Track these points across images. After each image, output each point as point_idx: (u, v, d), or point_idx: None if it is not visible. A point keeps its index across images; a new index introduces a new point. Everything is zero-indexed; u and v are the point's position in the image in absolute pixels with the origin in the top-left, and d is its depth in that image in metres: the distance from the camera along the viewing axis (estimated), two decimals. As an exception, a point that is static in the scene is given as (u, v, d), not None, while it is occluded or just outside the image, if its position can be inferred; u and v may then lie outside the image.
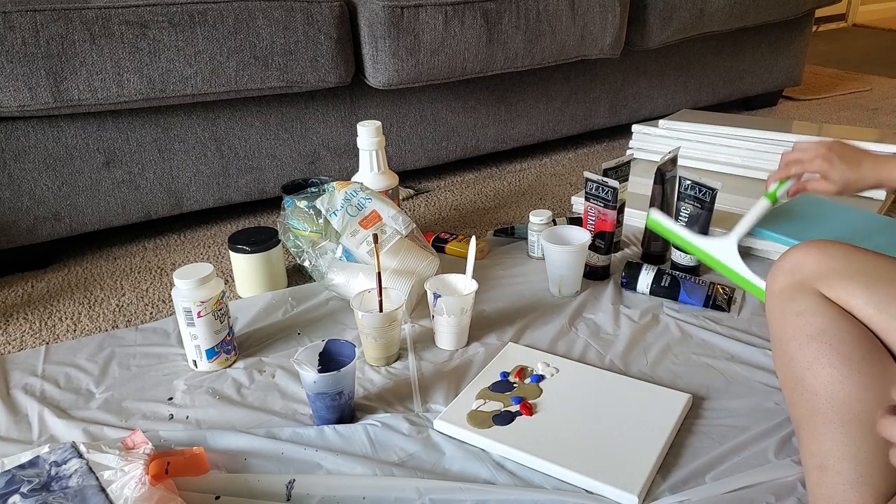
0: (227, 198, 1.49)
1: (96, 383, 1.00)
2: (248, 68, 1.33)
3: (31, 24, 1.15)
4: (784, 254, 0.81)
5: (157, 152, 1.38)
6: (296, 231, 1.18)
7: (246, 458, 0.84)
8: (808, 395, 0.72)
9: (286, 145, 1.51)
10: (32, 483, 0.77)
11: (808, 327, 0.73)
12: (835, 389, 0.70)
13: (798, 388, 0.73)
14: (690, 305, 1.15)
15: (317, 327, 1.13)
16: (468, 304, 1.03)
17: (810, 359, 0.72)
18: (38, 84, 1.18)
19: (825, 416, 0.70)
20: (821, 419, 0.70)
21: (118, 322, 1.17)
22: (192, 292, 0.96)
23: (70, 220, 1.35)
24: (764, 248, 1.29)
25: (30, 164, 1.28)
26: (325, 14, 1.36)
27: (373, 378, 0.99)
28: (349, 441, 0.86)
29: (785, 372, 0.76)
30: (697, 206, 1.20)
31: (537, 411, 0.89)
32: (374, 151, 1.30)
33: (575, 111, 1.89)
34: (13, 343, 1.11)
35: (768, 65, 2.22)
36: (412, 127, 1.65)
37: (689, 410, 0.91)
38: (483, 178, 1.78)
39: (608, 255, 1.23)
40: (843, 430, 0.68)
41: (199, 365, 1.01)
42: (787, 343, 0.75)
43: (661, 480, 0.80)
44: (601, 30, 1.67)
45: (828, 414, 0.70)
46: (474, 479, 0.81)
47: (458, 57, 1.50)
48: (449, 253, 1.36)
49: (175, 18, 1.24)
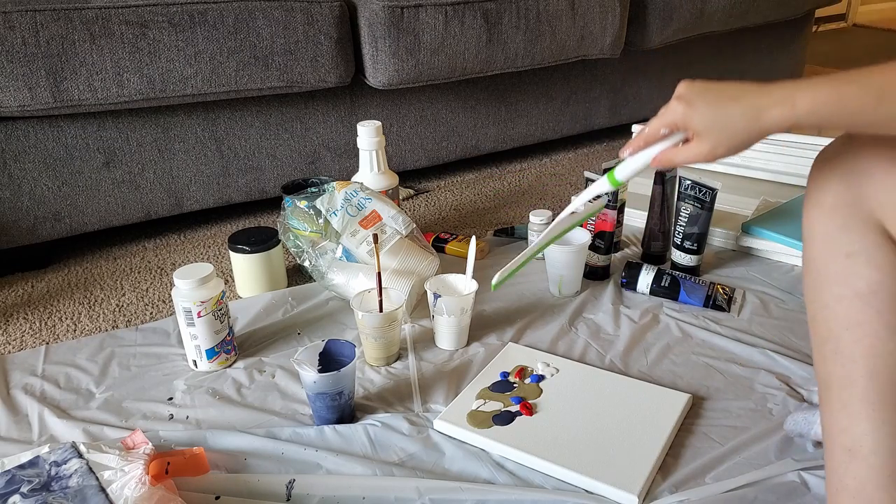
0: (227, 198, 1.49)
1: (96, 383, 1.00)
2: (248, 68, 1.33)
3: (31, 24, 1.15)
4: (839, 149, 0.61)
5: (157, 152, 1.38)
6: (296, 231, 1.18)
7: (246, 458, 0.84)
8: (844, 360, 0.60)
9: (286, 145, 1.51)
10: (32, 483, 0.77)
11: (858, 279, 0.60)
12: (877, 364, 0.59)
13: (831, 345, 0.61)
14: (690, 305, 1.15)
15: (317, 327, 1.13)
16: (468, 304, 1.03)
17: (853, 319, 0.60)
18: (38, 84, 1.18)
19: (862, 393, 0.59)
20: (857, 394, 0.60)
21: (118, 322, 1.17)
22: (192, 292, 0.96)
23: (70, 220, 1.35)
24: (764, 247, 1.29)
25: (30, 164, 1.28)
26: (325, 14, 1.36)
27: (373, 378, 0.99)
28: (349, 441, 0.86)
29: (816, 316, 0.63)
30: (697, 206, 1.20)
31: (537, 411, 0.89)
32: (374, 151, 1.29)
33: (575, 111, 1.89)
34: (13, 343, 1.11)
35: (768, 65, 2.22)
36: (412, 127, 1.65)
37: (689, 410, 0.91)
38: (483, 178, 1.78)
39: (608, 255, 1.23)
40: (882, 416, 0.58)
41: (199, 365, 1.01)
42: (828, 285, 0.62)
43: (661, 480, 0.80)
44: (601, 30, 1.67)
45: (866, 391, 0.59)
46: (474, 479, 0.81)
47: (458, 57, 1.50)
48: (449, 253, 1.36)
49: (175, 18, 1.24)
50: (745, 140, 0.61)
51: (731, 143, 0.62)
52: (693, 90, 0.64)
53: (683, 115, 0.64)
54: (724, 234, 1.34)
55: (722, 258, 1.31)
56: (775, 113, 0.58)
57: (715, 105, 0.62)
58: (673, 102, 0.65)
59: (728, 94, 0.62)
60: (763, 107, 0.59)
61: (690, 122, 0.63)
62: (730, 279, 1.23)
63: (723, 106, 0.61)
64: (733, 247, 1.33)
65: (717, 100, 0.62)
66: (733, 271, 1.26)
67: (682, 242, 1.23)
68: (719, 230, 1.34)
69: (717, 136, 0.62)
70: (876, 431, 0.59)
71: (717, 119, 0.61)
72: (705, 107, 0.62)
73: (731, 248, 1.34)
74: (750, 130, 0.60)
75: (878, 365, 0.59)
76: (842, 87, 0.56)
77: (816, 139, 1.52)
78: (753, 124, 0.60)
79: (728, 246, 1.34)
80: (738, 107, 0.60)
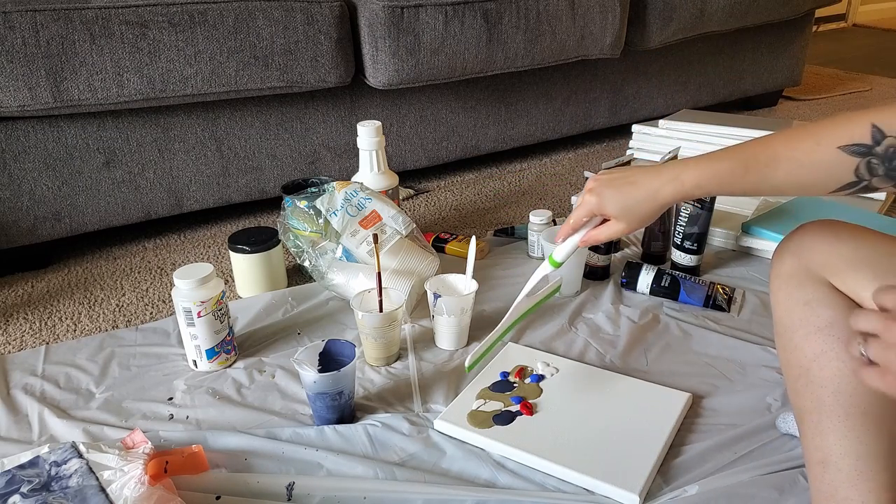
0: (227, 198, 1.49)
1: (96, 383, 1.00)
2: (248, 68, 1.33)
3: (31, 24, 1.15)
4: (791, 233, 0.77)
5: (157, 152, 1.38)
6: (296, 231, 1.18)
7: (246, 458, 0.84)
8: (814, 387, 0.70)
9: (286, 145, 1.51)
10: (32, 483, 0.77)
11: (817, 319, 0.71)
12: (841, 383, 0.68)
13: (803, 379, 0.72)
14: (690, 305, 1.15)
15: (317, 327, 1.13)
16: (468, 304, 1.03)
17: (817, 350, 0.70)
18: (38, 84, 1.18)
19: (830, 410, 0.69)
20: (825, 413, 0.69)
21: (118, 322, 1.17)
22: (192, 292, 0.96)
23: (70, 220, 1.35)
24: (764, 247, 1.29)
25: (30, 164, 1.28)
26: (325, 14, 1.36)
27: (373, 378, 0.99)
28: (349, 441, 0.86)
29: (789, 360, 0.74)
30: (697, 206, 1.20)
31: (537, 411, 0.89)
32: (374, 151, 1.29)
33: (575, 111, 1.89)
34: (13, 343, 1.11)
35: (768, 65, 2.22)
36: (412, 127, 1.65)
37: (689, 409, 0.91)
38: (483, 178, 1.78)
39: (608, 255, 1.23)
40: (847, 425, 0.67)
41: (199, 365, 1.01)
42: (794, 331, 0.73)
43: (661, 480, 0.80)
44: (601, 30, 1.67)
45: (833, 408, 0.68)
46: (474, 479, 0.81)
47: (458, 57, 1.50)
48: (449, 253, 1.36)
49: (175, 18, 1.24)
50: (650, 215, 0.76)
51: (640, 219, 0.77)
52: (600, 184, 0.78)
53: (598, 205, 0.78)
54: (724, 234, 1.34)
55: (722, 258, 1.31)
56: (668, 190, 0.73)
57: (620, 192, 0.76)
58: (587, 196, 0.79)
59: (628, 180, 0.76)
60: (657, 188, 0.74)
61: (604, 209, 0.78)
62: (730, 279, 1.23)
63: (626, 192, 0.76)
64: (733, 247, 1.33)
65: (621, 188, 0.76)
66: (733, 271, 1.26)
67: (682, 242, 1.23)
68: (719, 230, 1.34)
69: (628, 216, 0.77)
70: (842, 440, 0.67)
71: (625, 203, 0.76)
72: (613, 194, 0.77)
73: (731, 248, 1.34)
74: (652, 207, 0.76)
75: (841, 384, 0.68)
76: (717, 163, 0.70)
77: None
78: (653, 203, 0.75)
79: (728, 246, 1.34)
80: (638, 191, 0.75)
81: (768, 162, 0.67)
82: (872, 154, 0.62)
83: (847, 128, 0.63)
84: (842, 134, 0.63)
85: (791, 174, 0.66)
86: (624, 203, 0.76)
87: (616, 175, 0.78)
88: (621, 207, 0.77)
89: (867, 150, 0.62)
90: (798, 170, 0.66)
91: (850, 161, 0.63)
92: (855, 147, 0.63)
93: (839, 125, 0.64)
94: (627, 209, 0.76)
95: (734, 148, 0.70)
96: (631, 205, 0.76)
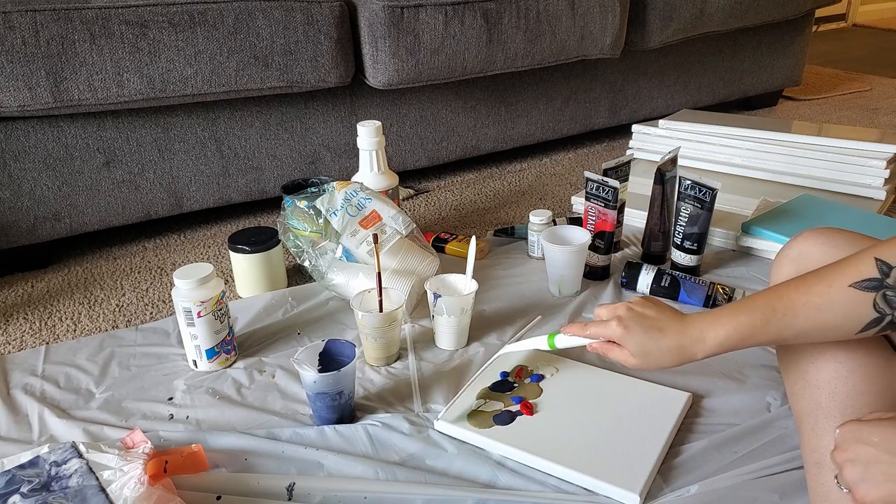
0: (227, 198, 1.49)
1: (96, 383, 1.00)
2: (248, 68, 1.33)
3: (31, 24, 1.15)
4: (789, 242, 0.80)
5: (157, 152, 1.38)
6: (296, 231, 1.18)
7: (247, 458, 0.84)
8: (811, 389, 0.72)
9: (286, 145, 1.51)
10: (32, 483, 0.77)
11: None
12: (838, 384, 0.70)
13: (801, 381, 0.73)
14: (690, 305, 1.15)
15: (317, 327, 1.13)
16: (468, 304, 1.03)
17: (816, 353, 0.72)
18: (38, 84, 1.18)
19: (826, 412, 0.70)
20: (822, 414, 0.70)
21: (118, 322, 1.17)
22: (192, 292, 0.96)
23: (70, 220, 1.35)
24: (764, 247, 1.29)
25: (30, 164, 1.28)
26: (325, 14, 1.36)
27: (373, 378, 0.99)
28: (349, 441, 0.86)
29: (788, 363, 0.76)
30: (697, 206, 1.20)
31: (538, 411, 0.89)
32: (374, 151, 1.29)
33: (575, 111, 1.89)
34: (13, 343, 1.11)
35: (768, 65, 2.22)
36: (412, 127, 1.65)
37: (689, 409, 0.91)
38: (483, 178, 1.78)
39: (608, 255, 1.23)
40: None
41: (199, 365, 1.01)
42: None
43: (661, 479, 0.80)
44: (601, 30, 1.67)
45: (829, 409, 0.70)
46: (474, 479, 0.81)
47: (458, 57, 1.50)
48: (449, 253, 1.36)
49: (175, 18, 1.24)
50: (664, 366, 0.76)
51: (656, 365, 0.76)
52: (631, 318, 0.77)
53: (621, 337, 0.77)
54: (724, 234, 1.34)
55: (722, 258, 1.31)
56: (691, 351, 0.73)
57: (647, 335, 0.75)
58: (614, 323, 0.78)
59: (658, 325, 0.76)
60: (683, 346, 0.73)
61: (626, 342, 0.77)
62: (730, 279, 1.23)
63: (653, 337, 0.75)
64: (733, 247, 1.33)
65: (649, 330, 0.76)
66: (733, 271, 1.26)
67: (682, 242, 1.23)
68: (719, 230, 1.34)
69: (645, 358, 0.76)
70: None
71: (647, 348, 0.76)
72: (639, 334, 0.76)
73: (731, 248, 1.34)
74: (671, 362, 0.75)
75: (838, 385, 0.70)
76: (736, 317, 0.70)
77: (816, 139, 1.52)
78: (674, 359, 0.75)
79: (728, 246, 1.34)
80: (664, 341, 0.74)
81: (786, 311, 0.67)
82: (885, 287, 0.63)
83: (854, 266, 0.64)
84: (850, 272, 0.64)
85: (811, 319, 0.66)
86: (646, 347, 0.75)
87: (649, 313, 0.77)
88: (642, 349, 0.76)
89: (878, 283, 0.63)
90: (817, 314, 0.66)
91: (866, 297, 0.64)
92: (866, 283, 0.64)
93: (846, 265, 0.65)
94: (647, 353, 0.76)
95: (752, 299, 0.70)
96: (652, 350, 0.75)
